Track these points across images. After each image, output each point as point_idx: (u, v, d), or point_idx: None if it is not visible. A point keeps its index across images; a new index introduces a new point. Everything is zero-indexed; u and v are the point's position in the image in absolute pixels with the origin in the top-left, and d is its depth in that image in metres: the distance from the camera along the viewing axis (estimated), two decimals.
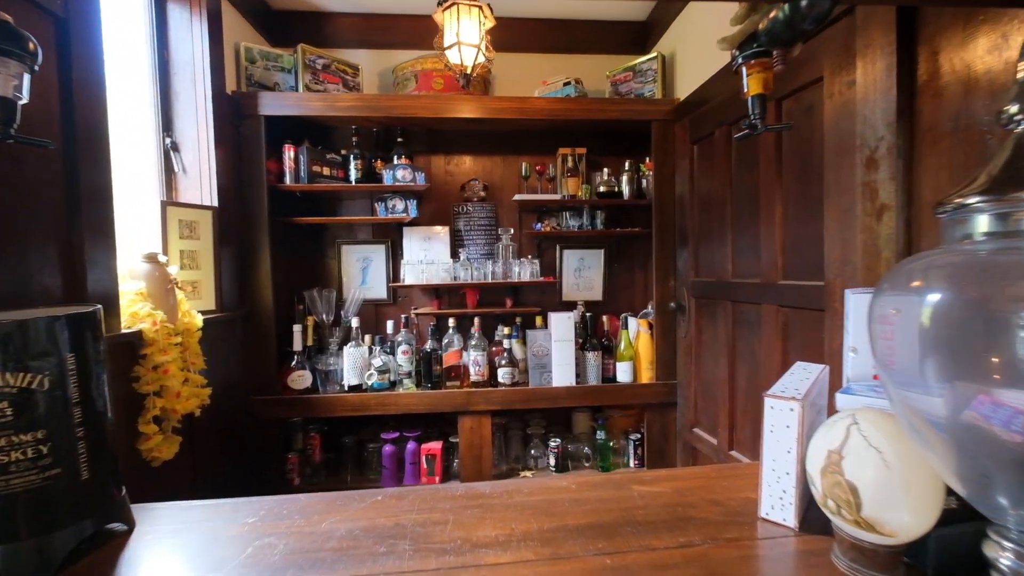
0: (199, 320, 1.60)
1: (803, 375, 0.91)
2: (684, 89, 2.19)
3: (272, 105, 2.05)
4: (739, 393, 1.78)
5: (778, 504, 0.78)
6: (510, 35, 2.44)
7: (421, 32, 2.30)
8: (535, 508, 0.86)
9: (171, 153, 1.81)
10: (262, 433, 2.09)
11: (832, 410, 1.06)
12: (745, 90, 0.80)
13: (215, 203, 1.85)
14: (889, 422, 0.63)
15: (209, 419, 1.70)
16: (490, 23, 1.66)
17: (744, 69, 0.78)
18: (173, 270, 1.56)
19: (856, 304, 0.95)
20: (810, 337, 1.42)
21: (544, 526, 0.79)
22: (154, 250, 1.53)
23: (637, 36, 2.58)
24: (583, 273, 2.64)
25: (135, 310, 1.37)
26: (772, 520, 0.78)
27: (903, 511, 0.60)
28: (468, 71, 1.65)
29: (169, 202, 1.70)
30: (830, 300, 1.31)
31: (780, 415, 0.78)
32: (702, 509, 0.84)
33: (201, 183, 1.85)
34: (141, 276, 1.45)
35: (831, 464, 0.65)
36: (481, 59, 1.64)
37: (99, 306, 0.80)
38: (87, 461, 0.75)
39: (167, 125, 1.81)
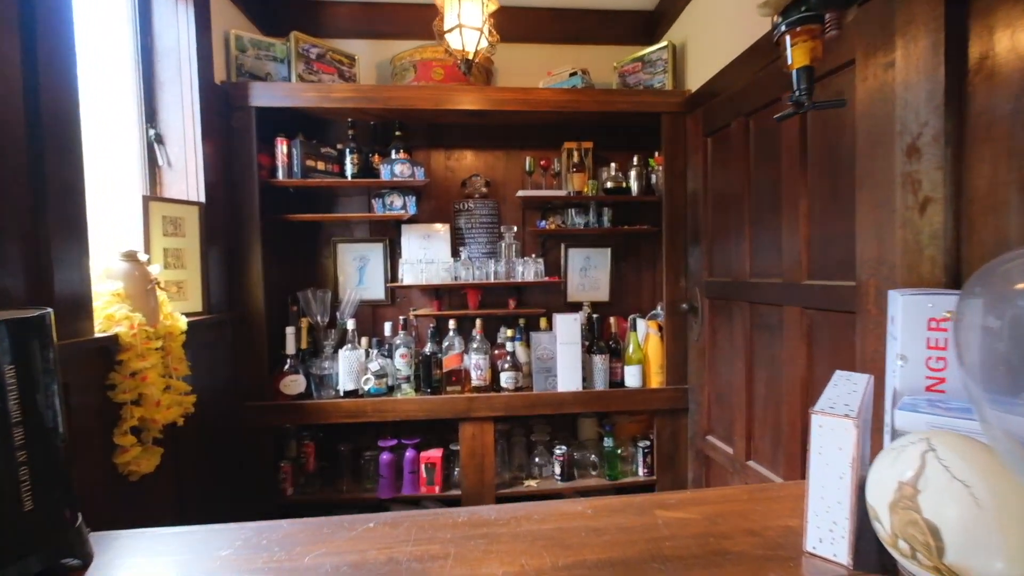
0: (183, 323, 1.49)
1: (848, 387, 0.81)
2: (696, 80, 2.09)
3: (263, 96, 1.95)
4: (757, 400, 1.68)
5: (827, 537, 0.68)
6: (513, 25, 2.33)
7: (422, 21, 2.20)
8: (547, 538, 0.76)
9: (155, 146, 1.70)
10: (253, 441, 1.99)
11: (878, 425, 0.96)
12: (788, 62, 0.69)
13: (202, 199, 1.75)
14: (976, 449, 0.53)
15: (195, 428, 1.60)
16: (493, 5, 1.56)
17: (788, 38, 0.68)
18: (155, 269, 1.46)
19: (906, 307, 0.85)
20: (839, 342, 1.32)
21: (559, 561, 0.69)
22: (134, 248, 1.43)
23: (645, 26, 2.48)
24: (589, 273, 2.54)
25: (111, 312, 1.27)
26: (820, 555, 0.68)
27: (997, 558, 0.50)
28: (470, 56, 1.55)
29: (152, 197, 1.60)
30: (863, 302, 1.21)
31: (830, 435, 0.68)
32: (738, 540, 0.74)
33: (187, 178, 1.75)
34: (119, 276, 1.35)
35: (904, 499, 0.55)
36: (484, 44, 1.53)
37: (48, 309, 0.70)
38: (31, 489, 0.64)
39: (151, 116, 1.71)
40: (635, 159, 2.32)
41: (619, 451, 2.22)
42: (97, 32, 1.53)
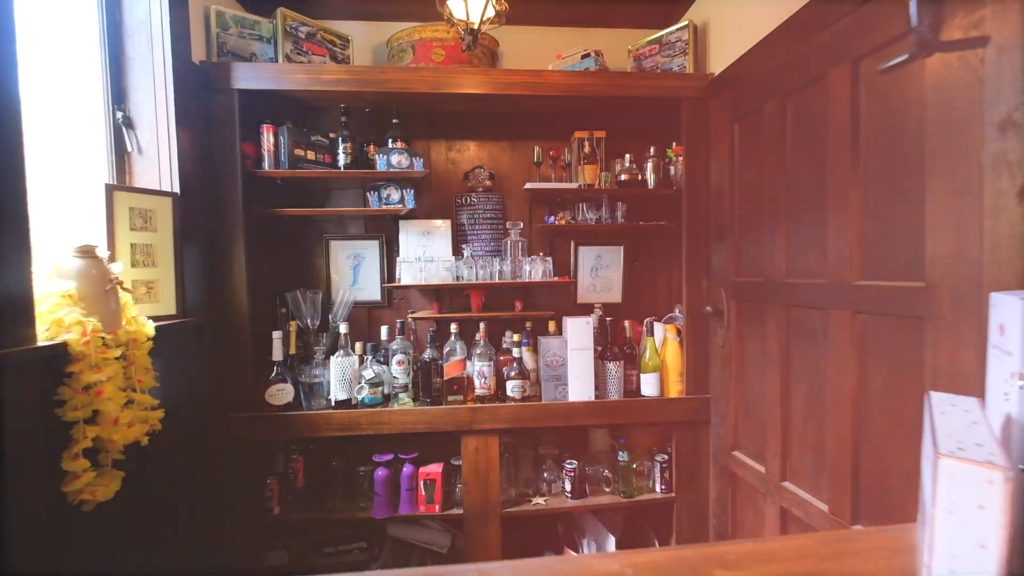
0: (149, 328, 1.32)
1: (963, 417, 0.64)
2: (719, 63, 1.92)
3: (247, 77, 1.78)
4: (795, 415, 1.50)
5: None
6: (520, 6, 2.15)
7: (422, 1, 2.03)
8: None
9: (123, 130, 1.53)
10: (236, 457, 1.81)
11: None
12: None
13: (176, 189, 1.58)
14: None
15: (167, 445, 1.43)
16: None
17: None
18: (117, 267, 1.29)
19: None
20: (901, 352, 1.15)
21: None
22: (93, 243, 1.25)
23: (661, 7, 2.30)
24: (600, 272, 2.37)
25: (59, 317, 1.10)
26: None
27: None
28: (475, 27, 1.38)
29: (116, 186, 1.43)
30: (935, 306, 1.04)
31: (968, 489, 0.50)
32: None
33: (160, 166, 1.58)
34: (71, 275, 1.18)
35: None
36: (491, 12, 1.36)
37: None
38: None
39: (119, 97, 1.54)
40: (651, 149, 2.15)
41: (635, 466, 2.04)
42: (55, 1, 1.36)
